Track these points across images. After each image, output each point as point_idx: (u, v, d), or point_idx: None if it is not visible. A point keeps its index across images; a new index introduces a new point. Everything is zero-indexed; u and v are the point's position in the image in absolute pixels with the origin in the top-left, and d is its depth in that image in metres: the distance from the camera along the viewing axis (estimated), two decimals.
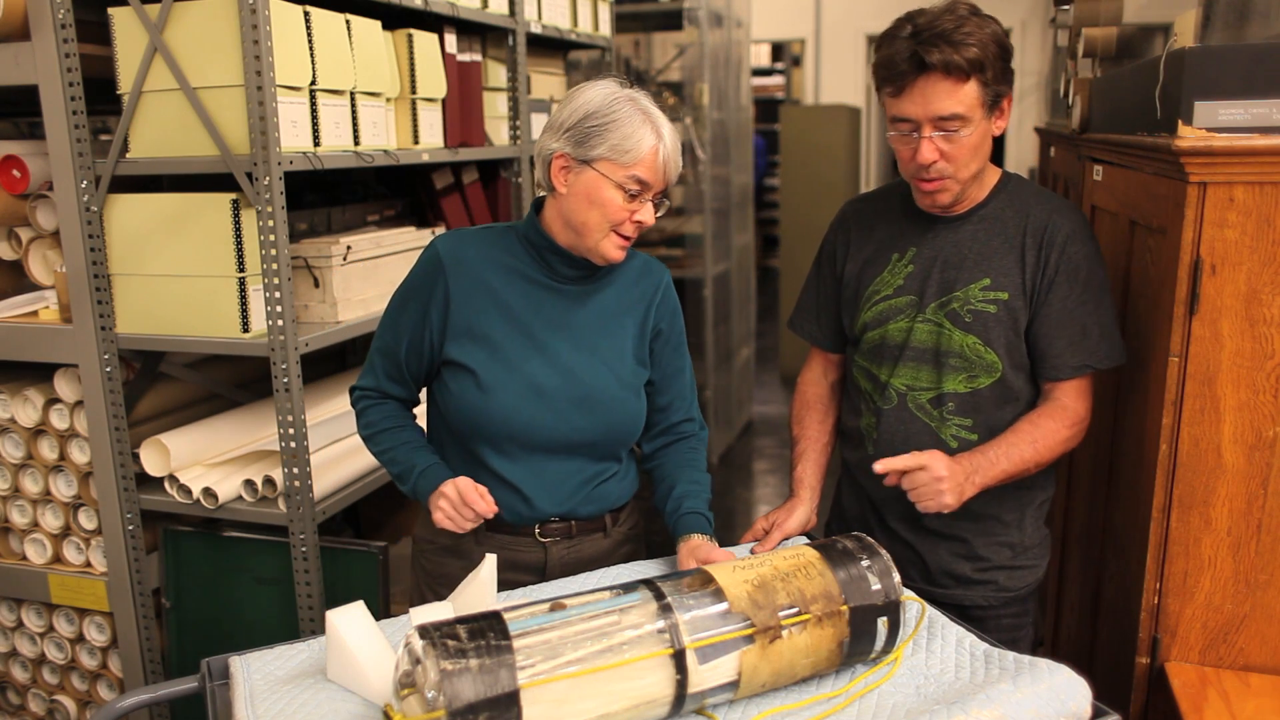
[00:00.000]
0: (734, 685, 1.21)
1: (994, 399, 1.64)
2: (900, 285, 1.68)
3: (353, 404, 1.71)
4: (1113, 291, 1.70)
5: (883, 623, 1.27)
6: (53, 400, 2.20)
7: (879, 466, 1.52)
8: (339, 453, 2.29)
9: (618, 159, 1.49)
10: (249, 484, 2.10)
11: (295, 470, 2.01)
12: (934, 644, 1.38)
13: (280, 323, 1.95)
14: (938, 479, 1.49)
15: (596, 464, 1.65)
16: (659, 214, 1.56)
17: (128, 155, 2.00)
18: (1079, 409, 1.62)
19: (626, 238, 1.55)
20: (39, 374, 2.24)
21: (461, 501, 1.51)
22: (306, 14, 1.97)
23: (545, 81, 3.08)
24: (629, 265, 1.68)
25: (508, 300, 1.59)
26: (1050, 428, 1.60)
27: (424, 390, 1.72)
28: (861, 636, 1.27)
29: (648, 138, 1.49)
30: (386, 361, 1.65)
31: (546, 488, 1.62)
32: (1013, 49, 1.56)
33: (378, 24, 2.21)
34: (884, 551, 1.31)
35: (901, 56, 1.51)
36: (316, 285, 2.18)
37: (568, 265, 1.60)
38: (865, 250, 1.75)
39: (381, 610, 2.13)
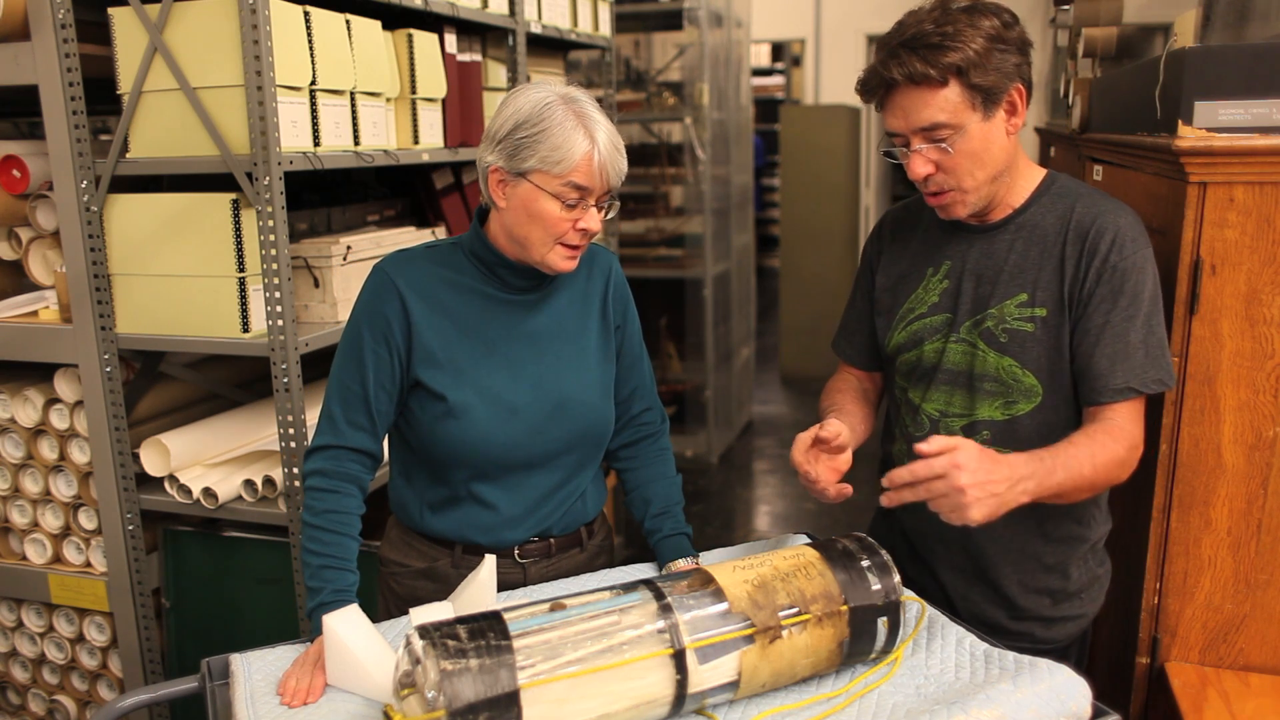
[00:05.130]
0: (734, 685, 1.21)
1: (1034, 427, 1.49)
2: (935, 303, 1.56)
3: (305, 474, 1.53)
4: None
5: (883, 623, 1.27)
6: (53, 400, 2.20)
7: (886, 500, 1.30)
8: None
9: (550, 169, 1.42)
10: (249, 484, 2.10)
11: (295, 470, 2.00)
12: (934, 644, 1.38)
13: (280, 323, 1.95)
14: (957, 490, 1.23)
15: (575, 473, 1.61)
16: (608, 215, 1.50)
17: (128, 155, 2.00)
18: (1133, 431, 1.43)
19: (574, 247, 1.49)
20: (39, 374, 2.24)
21: (301, 674, 1.36)
22: (306, 14, 1.97)
23: None
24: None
25: (465, 318, 1.53)
26: (1107, 444, 1.39)
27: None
28: (861, 636, 1.26)
29: (580, 143, 1.41)
30: (349, 407, 1.52)
31: (524, 504, 1.58)
32: (1020, 40, 1.40)
33: (378, 24, 2.21)
34: (884, 551, 1.31)
35: (871, 72, 1.43)
36: (316, 285, 2.18)
37: (518, 276, 1.54)
38: (899, 264, 1.63)
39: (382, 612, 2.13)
